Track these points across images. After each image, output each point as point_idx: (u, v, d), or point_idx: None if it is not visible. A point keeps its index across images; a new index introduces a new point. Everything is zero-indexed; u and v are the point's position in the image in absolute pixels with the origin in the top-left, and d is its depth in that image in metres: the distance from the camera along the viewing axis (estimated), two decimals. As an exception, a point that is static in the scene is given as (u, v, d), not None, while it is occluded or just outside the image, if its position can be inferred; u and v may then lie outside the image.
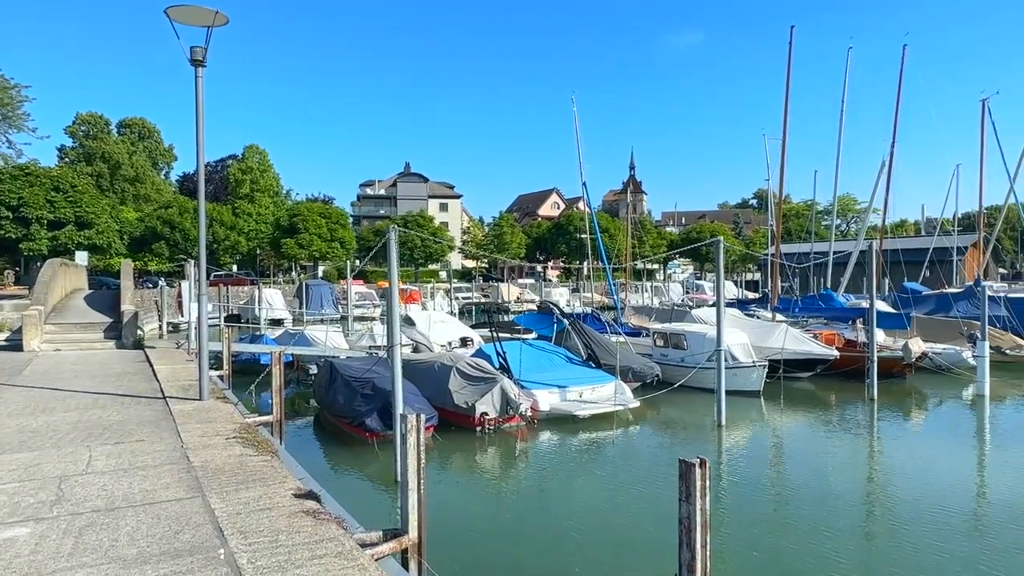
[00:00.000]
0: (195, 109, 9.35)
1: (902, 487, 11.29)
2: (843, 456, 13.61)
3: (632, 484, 11.47)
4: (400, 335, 11.06)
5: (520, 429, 15.09)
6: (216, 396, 10.20)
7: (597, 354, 18.60)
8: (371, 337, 26.30)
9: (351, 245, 65.78)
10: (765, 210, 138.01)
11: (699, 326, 21.80)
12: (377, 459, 12.80)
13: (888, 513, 10.17)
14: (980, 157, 32.93)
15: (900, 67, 29.79)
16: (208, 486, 5.75)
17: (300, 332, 25.46)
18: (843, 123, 29.35)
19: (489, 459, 13.46)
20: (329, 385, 15.74)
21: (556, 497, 10.97)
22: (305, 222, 60.90)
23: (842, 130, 29.37)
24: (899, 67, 29.76)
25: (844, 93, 29.64)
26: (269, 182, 77.70)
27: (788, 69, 26.10)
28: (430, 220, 71.17)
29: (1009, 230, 55.28)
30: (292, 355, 22.45)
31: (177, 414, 8.89)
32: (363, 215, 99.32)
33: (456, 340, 26.36)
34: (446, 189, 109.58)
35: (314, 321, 46.39)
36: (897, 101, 29.75)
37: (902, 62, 29.76)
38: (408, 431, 5.30)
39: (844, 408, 17.84)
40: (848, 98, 29.77)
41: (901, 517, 9.75)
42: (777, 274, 27.69)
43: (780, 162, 26.22)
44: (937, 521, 9.53)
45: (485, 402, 14.57)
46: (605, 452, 13.66)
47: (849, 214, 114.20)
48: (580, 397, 16.55)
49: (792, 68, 26.96)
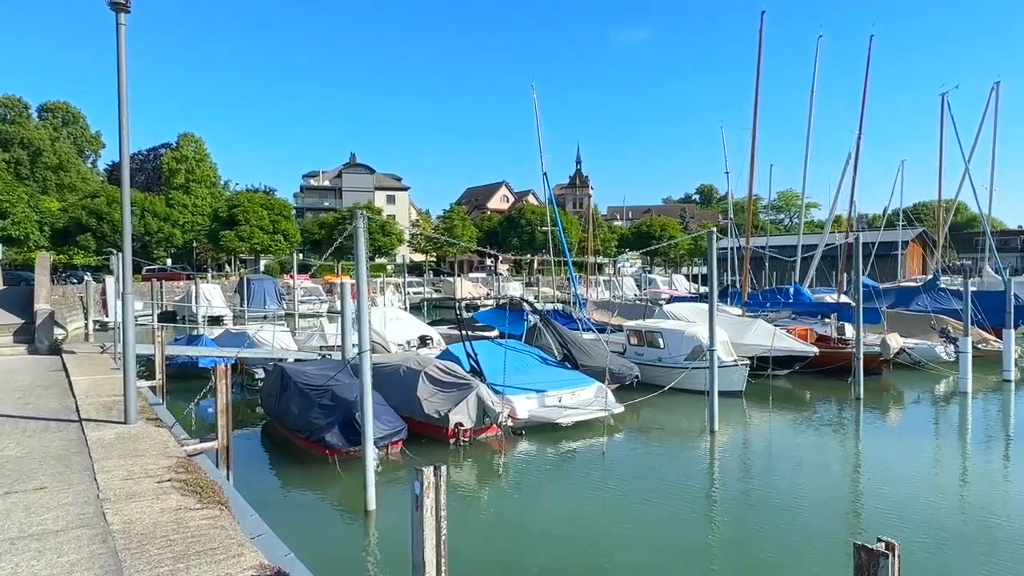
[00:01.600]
0: (116, 63, 7.52)
1: (918, 494, 10.34)
2: (842, 463, 12.68)
3: (625, 503, 10.20)
4: (368, 339, 9.44)
5: (498, 439, 13.66)
6: (146, 417, 8.39)
7: (573, 354, 17.28)
8: (322, 337, 24.37)
9: (295, 238, 62.73)
10: (707, 205, 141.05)
11: (675, 323, 20.77)
12: (339, 479, 11.16)
13: (911, 522, 9.17)
14: (939, 152, 33.18)
15: (867, 56, 29.46)
16: (131, 570, 4.09)
17: (243, 332, 23.33)
18: (812, 114, 28.94)
19: (465, 475, 11.97)
20: (280, 393, 13.95)
21: (542, 520, 9.58)
22: (246, 213, 57.61)
23: (811, 121, 28.97)
24: (866, 56, 29.40)
25: (814, 83, 29.15)
26: (206, 172, 73.57)
27: (759, 55, 25.42)
28: (378, 212, 68.62)
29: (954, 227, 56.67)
30: (235, 358, 20.42)
31: (95, 445, 7.08)
32: (306, 207, 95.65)
33: (415, 339, 24.69)
34: (393, 181, 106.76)
35: (257, 318, 43.87)
36: (864, 91, 29.47)
37: (869, 51, 29.47)
38: (424, 490, 3.79)
39: (831, 409, 17.05)
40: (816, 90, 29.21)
41: (929, 526, 8.75)
42: (747, 268, 27.01)
43: (751, 150, 25.55)
44: (977, 530, 8.58)
45: (460, 411, 13.06)
46: (592, 465, 12.32)
47: (792, 209, 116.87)
48: (559, 402, 15.23)
49: (755, 57, 26.23)
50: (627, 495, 10.66)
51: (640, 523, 9.45)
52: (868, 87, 29.22)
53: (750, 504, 10.23)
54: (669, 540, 8.90)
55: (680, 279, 70.92)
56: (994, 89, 36.03)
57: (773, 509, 9.91)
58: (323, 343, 23.95)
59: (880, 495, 10.43)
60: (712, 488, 11.17)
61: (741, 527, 9.28)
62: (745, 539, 8.85)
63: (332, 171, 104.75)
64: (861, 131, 28.86)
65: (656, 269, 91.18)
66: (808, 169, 28.80)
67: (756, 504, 10.22)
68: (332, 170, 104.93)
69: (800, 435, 14.77)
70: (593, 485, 11.27)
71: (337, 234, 64.14)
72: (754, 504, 10.22)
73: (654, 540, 8.88)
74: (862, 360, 17.57)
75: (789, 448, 13.76)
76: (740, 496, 10.65)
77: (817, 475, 11.74)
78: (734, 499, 10.50)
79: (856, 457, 13.12)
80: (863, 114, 28.98)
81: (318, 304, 49.28)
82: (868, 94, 29.16)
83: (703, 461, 12.73)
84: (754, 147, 25.56)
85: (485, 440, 13.51)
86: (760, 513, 9.79)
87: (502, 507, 10.42)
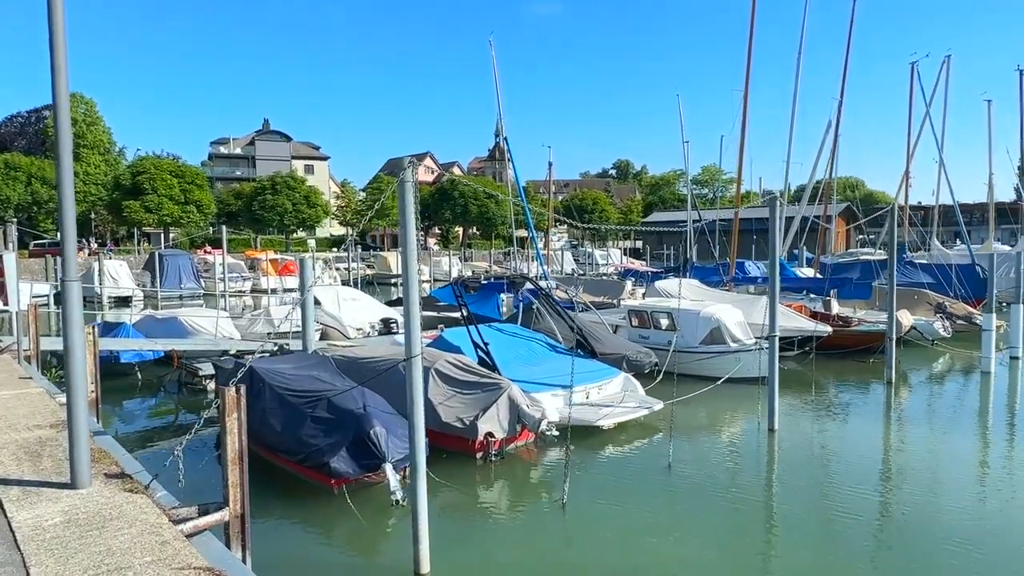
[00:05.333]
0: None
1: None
2: (922, 464, 11.01)
3: (702, 528, 8.09)
4: (419, 337, 6.76)
5: (528, 449, 11.24)
6: (104, 470, 5.40)
7: (589, 341, 14.95)
8: (268, 322, 21.00)
9: (210, 209, 57.08)
10: (624, 180, 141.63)
11: (686, 303, 18.76)
12: (355, 521, 8.42)
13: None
14: (907, 122, 32.71)
15: (851, 12, 28.12)
16: None
17: (173, 317, 19.64)
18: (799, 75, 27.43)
19: (506, 501, 9.52)
20: (251, 401, 10.88)
21: (614, 559, 7.31)
22: (153, 181, 51.59)
23: (797, 85, 27.51)
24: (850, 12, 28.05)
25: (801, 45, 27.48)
26: (99, 137, 65.75)
27: (753, 8, 23.51)
28: (302, 182, 63.68)
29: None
30: (166, 351, 16.95)
31: (31, 545, 4.13)
32: (217, 176, 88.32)
33: (376, 322, 21.74)
34: (311, 150, 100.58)
35: (172, 299, 39.25)
36: (847, 51, 28.16)
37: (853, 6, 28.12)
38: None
39: (865, 395, 15.66)
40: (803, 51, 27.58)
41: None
42: (736, 241, 25.51)
43: (743, 115, 23.84)
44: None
45: (489, 418, 10.50)
46: (648, 477, 10.09)
47: (715, 183, 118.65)
48: (587, 399, 12.94)
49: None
50: (701, 515, 8.54)
51: (728, 551, 7.34)
52: (851, 51, 27.97)
53: (849, 523, 8.28)
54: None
55: (616, 253, 70.08)
56: (945, 62, 36.07)
57: (880, 526, 8.02)
58: (271, 329, 20.64)
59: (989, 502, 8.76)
60: (787, 500, 9.14)
61: (852, 554, 7.32)
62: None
63: (244, 138, 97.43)
64: (843, 97, 27.77)
65: (586, 244, 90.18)
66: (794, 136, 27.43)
67: (854, 522, 8.30)
68: (244, 137, 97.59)
69: (853, 429, 13.11)
70: (654, 503, 9.12)
71: (256, 205, 59.12)
72: (852, 522, 8.30)
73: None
74: (894, 340, 16.20)
75: (852, 446, 12.04)
76: (832, 513, 8.68)
77: (906, 482, 9.99)
78: (826, 515, 8.53)
79: (931, 451, 11.53)
80: (845, 79, 27.81)
81: (240, 281, 44.84)
82: (856, 63, 27.89)
83: (771, 467, 10.79)
84: (745, 110, 23.91)
85: (515, 451, 11.06)
86: (864, 533, 7.88)
87: (556, 546, 8.03)
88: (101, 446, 6.26)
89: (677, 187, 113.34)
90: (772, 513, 8.78)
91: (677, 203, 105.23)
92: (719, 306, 17.42)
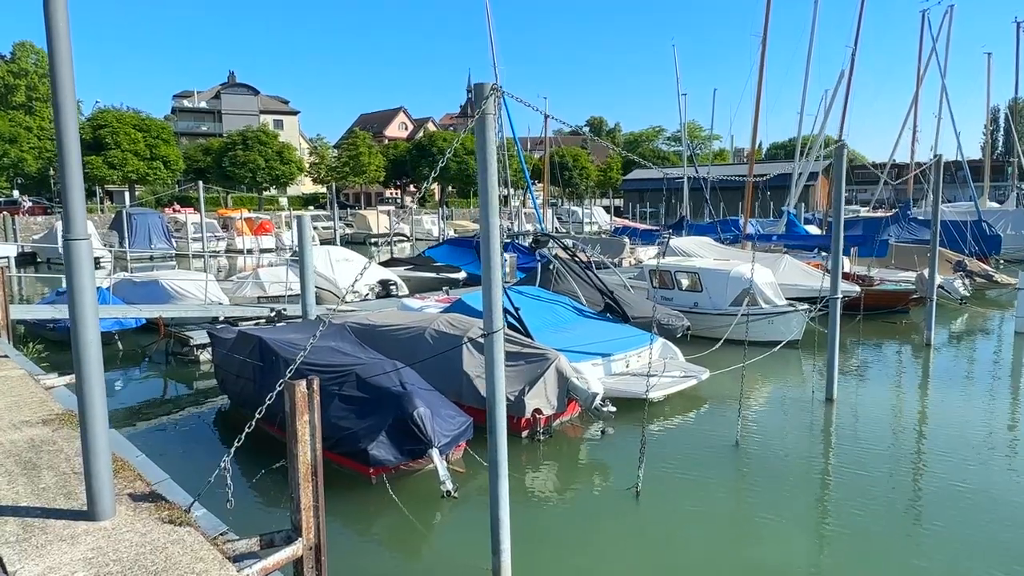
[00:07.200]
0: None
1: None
2: (980, 427, 10.22)
3: (789, 517, 7.18)
4: (499, 306, 5.55)
5: (572, 424, 10.20)
6: (129, 486, 4.12)
7: (620, 304, 13.83)
8: (258, 285, 19.53)
9: (178, 165, 54.12)
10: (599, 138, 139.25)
11: (706, 262, 17.72)
12: (399, 513, 7.30)
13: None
14: (916, 74, 31.60)
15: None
16: None
17: (154, 280, 18.02)
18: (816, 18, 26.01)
19: (568, 492, 8.49)
20: (260, 376, 9.68)
21: (714, 559, 6.36)
22: (116, 136, 48.50)
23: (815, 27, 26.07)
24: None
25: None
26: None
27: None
28: (274, 137, 60.75)
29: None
30: (151, 319, 15.48)
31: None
32: (181, 132, 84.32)
33: (374, 284, 20.38)
34: (280, 104, 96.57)
35: (142, 260, 37.26)
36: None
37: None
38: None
39: (907, 358, 14.91)
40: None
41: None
42: (750, 197, 24.45)
43: (760, 65, 22.49)
44: None
45: (537, 393, 9.40)
46: (717, 460, 9.11)
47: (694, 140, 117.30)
48: (627, 368, 11.89)
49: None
50: (783, 501, 7.64)
51: (831, 544, 6.42)
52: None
53: (945, 506, 7.43)
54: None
55: (600, 211, 68.76)
56: (948, 13, 35.02)
57: (972, 504, 7.19)
58: (261, 293, 19.20)
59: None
60: (867, 480, 8.25)
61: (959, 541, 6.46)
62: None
63: (208, 91, 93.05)
64: (856, 45, 26.45)
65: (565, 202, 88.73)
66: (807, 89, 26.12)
67: (950, 506, 7.45)
68: (208, 90, 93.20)
69: (911, 397, 12.30)
70: (731, 488, 8.19)
71: (227, 161, 56.38)
72: (947, 506, 7.44)
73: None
74: (935, 301, 15.42)
75: (918, 416, 11.23)
76: (922, 492, 7.81)
77: (989, 456, 9.18)
78: (915, 495, 7.66)
79: (1007, 425, 10.77)
80: (860, 25, 26.45)
81: (214, 242, 42.72)
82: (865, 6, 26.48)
83: (840, 442, 9.90)
84: (763, 59, 22.56)
85: (559, 427, 10.00)
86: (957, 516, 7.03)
87: (643, 536, 7.03)
88: (149, 481, 4.80)
89: (656, 143, 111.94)
90: (856, 496, 7.86)
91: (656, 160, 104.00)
92: (747, 265, 16.40)
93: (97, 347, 3.65)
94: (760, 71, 22.28)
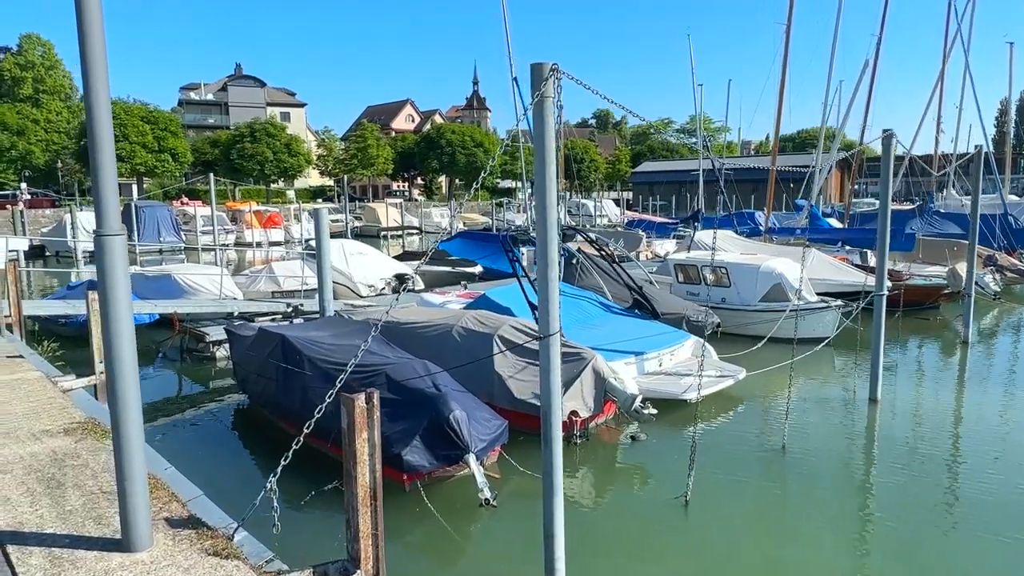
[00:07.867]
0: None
1: None
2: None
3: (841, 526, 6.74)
4: (556, 307, 5.12)
5: (608, 427, 9.78)
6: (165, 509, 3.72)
7: (650, 300, 13.36)
8: (272, 280, 19.16)
9: (186, 158, 53.74)
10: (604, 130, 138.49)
11: (742, 257, 17.18)
12: (437, 524, 6.91)
13: None
14: (942, 63, 30.83)
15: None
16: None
17: (167, 275, 17.68)
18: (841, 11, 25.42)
19: (612, 500, 8.08)
20: (283, 376, 9.29)
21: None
22: (124, 128, 48.07)
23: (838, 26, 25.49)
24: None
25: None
26: (58, 82, 61.35)
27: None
28: (282, 129, 60.31)
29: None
30: (165, 314, 15.11)
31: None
32: (188, 124, 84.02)
33: (390, 279, 19.99)
34: (287, 96, 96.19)
35: (151, 253, 36.99)
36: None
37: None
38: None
39: (946, 356, 14.46)
40: None
41: None
42: (772, 190, 23.92)
43: (784, 53, 21.99)
44: None
45: (573, 395, 8.97)
46: (764, 466, 8.68)
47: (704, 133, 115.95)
48: (660, 367, 11.45)
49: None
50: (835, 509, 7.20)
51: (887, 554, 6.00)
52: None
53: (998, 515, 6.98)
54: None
55: (610, 204, 68.13)
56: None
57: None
58: (275, 288, 18.83)
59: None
60: (919, 488, 7.81)
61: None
62: None
63: (215, 84, 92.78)
64: (882, 32, 25.77)
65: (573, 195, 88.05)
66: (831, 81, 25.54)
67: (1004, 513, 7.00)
68: (215, 83, 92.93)
69: (954, 399, 11.84)
70: (780, 495, 7.79)
71: (235, 154, 56.00)
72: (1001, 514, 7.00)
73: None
74: (973, 296, 14.92)
75: (965, 419, 10.78)
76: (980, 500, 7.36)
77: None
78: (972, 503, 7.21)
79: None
80: (885, 12, 25.74)
81: (223, 235, 42.39)
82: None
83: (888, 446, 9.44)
84: (787, 46, 22.00)
85: (595, 430, 9.58)
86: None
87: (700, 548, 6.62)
88: (189, 510, 4.39)
89: (665, 135, 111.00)
90: (908, 503, 7.43)
91: (665, 152, 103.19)
92: (777, 260, 15.94)
93: (132, 361, 3.24)
94: (784, 60, 21.79)
